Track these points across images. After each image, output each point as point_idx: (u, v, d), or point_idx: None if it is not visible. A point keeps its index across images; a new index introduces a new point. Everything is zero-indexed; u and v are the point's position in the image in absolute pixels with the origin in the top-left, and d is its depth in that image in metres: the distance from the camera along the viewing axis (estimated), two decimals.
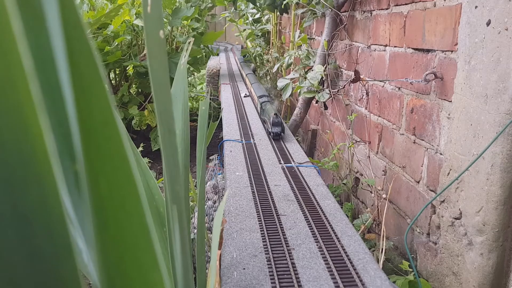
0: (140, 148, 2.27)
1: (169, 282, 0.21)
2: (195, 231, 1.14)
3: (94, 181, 0.18)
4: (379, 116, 1.58)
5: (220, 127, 1.87)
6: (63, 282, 0.17)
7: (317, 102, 2.09)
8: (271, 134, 1.56)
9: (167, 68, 0.40)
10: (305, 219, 0.93)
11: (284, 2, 2.44)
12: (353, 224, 0.97)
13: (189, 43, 0.72)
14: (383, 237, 1.27)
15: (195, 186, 1.23)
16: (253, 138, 1.58)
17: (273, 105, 1.93)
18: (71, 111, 0.18)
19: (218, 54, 4.44)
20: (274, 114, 1.60)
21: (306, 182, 1.15)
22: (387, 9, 1.50)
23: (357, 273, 0.72)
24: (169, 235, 0.41)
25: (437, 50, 1.17)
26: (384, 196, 1.43)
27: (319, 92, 1.90)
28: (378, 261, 1.13)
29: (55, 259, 0.17)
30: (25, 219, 0.16)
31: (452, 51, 1.09)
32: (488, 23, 0.94)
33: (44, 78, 0.18)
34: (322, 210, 0.97)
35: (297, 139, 1.72)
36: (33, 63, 0.14)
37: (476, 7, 0.98)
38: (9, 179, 0.15)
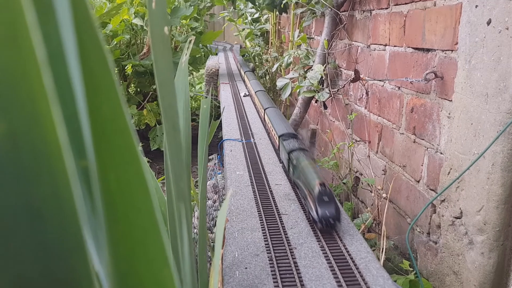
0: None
1: (178, 279, 0.21)
2: (195, 230, 1.14)
3: (104, 176, 0.18)
4: (379, 116, 1.58)
5: (219, 126, 1.87)
6: (75, 278, 0.17)
7: (316, 101, 2.08)
8: (318, 221, 0.86)
9: (172, 65, 0.39)
10: (307, 218, 0.93)
11: (284, 2, 2.43)
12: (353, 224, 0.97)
13: (190, 41, 0.72)
14: (383, 236, 1.27)
15: (195, 185, 1.23)
16: (253, 137, 1.57)
17: (311, 159, 1.08)
18: (81, 105, 0.18)
19: (217, 54, 4.43)
20: (321, 185, 0.88)
21: None
22: (386, 8, 1.50)
23: (359, 272, 0.72)
24: (171, 233, 0.41)
25: (437, 50, 1.17)
26: (384, 195, 1.43)
27: (318, 92, 1.90)
28: (378, 261, 1.13)
29: (67, 255, 0.16)
30: (38, 214, 0.15)
31: (452, 51, 1.09)
32: (489, 22, 0.94)
33: (53, 71, 0.18)
34: None
35: None
36: (47, 54, 0.14)
37: (476, 6, 0.98)
38: (21, 173, 0.15)
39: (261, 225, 0.90)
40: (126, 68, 3.02)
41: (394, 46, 1.44)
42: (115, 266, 0.19)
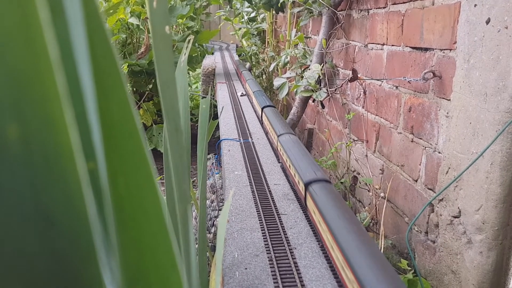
0: None
1: (186, 283, 0.21)
2: (193, 231, 1.13)
3: (113, 180, 0.17)
4: (376, 115, 1.58)
5: (217, 126, 1.86)
6: (85, 284, 0.16)
7: (314, 101, 2.08)
8: None
9: (173, 64, 0.39)
10: (306, 218, 0.92)
11: (280, 1, 2.43)
12: None
13: (189, 41, 0.72)
14: (381, 236, 1.27)
15: (193, 185, 1.22)
16: (251, 137, 1.57)
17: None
18: (90, 106, 0.17)
19: (213, 53, 4.42)
20: None
21: None
22: (384, 7, 1.50)
23: None
24: (175, 235, 0.40)
25: (435, 49, 1.17)
26: (382, 195, 1.43)
27: (316, 91, 1.90)
28: None
29: (79, 262, 0.16)
30: (48, 220, 0.15)
31: (451, 50, 1.09)
32: (488, 22, 0.94)
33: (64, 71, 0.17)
34: None
35: None
36: (59, 53, 0.13)
37: (475, 5, 0.98)
38: (33, 177, 0.14)
39: (260, 225, 0.89)
40: (122, 67, 3.01)
41: (392, 45, 1.44)
42: (123, 271, 0.19)
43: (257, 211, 0.96)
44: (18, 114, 0.13)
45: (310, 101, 2.19)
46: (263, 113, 1.67)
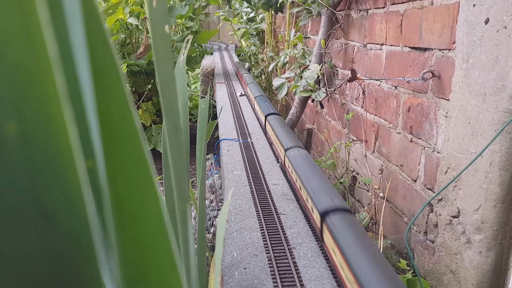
0: None
1: (186, 283, 0.21)
2: (192, 231, 1.13)
3: (113, 181, 0.17)
4: (376, 115, 1.58)
5: (216, 126, 1.86)
6: (85, 285, 0.16)
7: (313, 101, 2.08)
8: None
9: (173, 64, 0.39)
10: (305, 218, 0.92)
11: (279, 1, 2.43)
12: None
13: (188, 41, 0.72)
14: (380, 235, 1.27)
15: (192, 185, 1.22)
16: (250, 137, 1.57)
17: None
18: (89, 105, 0.17)
19: (212, 53, 4.42)
20: None
21: None
22: (383, 7, 1.50)
23: None
24: (174, 235, 0.40)
25: (434, 49, 1.17)
26: (381, 195, 1.43)
27: (315, 91, 1.90)
28: None
29: (79, 262, 0.16)
30: (48, 220, 0.15)
31: (449, 50, 1.09)
32: (487, 21, 0.94)
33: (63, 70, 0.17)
34: None
35: None
36: (58, 52, 0.13)
37: (474, 5, 0.98)
38: (33, 175, 0.14)
39: (259, 225, 0.89)
40: (121, 67, 3.01)
41: (391, 45, 1.44)
42: (123, 271, 0.19)
43: (256, 211, 0.96)
44: (17, 113, 0.13)
45: (309, 101, 2.19)
46: (266, 122, 1.54)
